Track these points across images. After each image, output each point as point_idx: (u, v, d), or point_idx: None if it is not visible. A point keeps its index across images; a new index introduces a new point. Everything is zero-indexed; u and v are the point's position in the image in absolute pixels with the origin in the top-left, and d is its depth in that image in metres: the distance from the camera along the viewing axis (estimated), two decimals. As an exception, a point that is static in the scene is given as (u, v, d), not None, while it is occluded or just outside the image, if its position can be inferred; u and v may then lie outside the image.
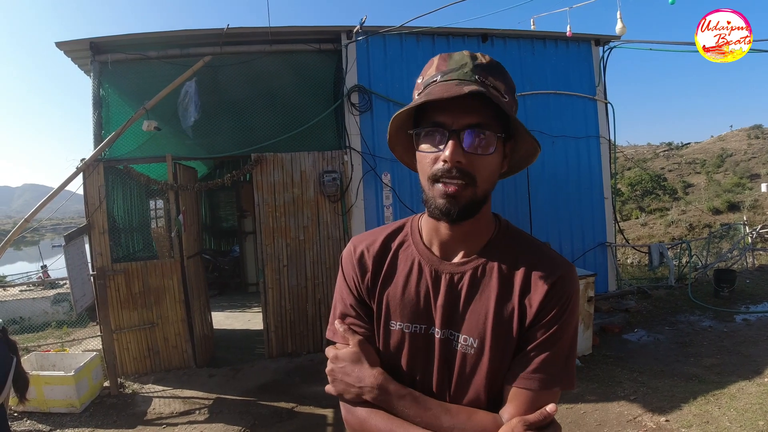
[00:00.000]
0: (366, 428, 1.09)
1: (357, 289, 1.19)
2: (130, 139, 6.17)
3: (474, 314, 1.09)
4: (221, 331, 7.70)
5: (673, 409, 4.43)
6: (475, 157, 1.01)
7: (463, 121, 1.00)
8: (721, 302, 7.58)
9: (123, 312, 6.03)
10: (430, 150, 1.03)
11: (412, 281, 1.14)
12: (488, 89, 0.99)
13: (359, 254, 1.21)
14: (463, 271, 1.11)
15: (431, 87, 1.03)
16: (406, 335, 1.13)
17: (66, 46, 6.26)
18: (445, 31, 6.99)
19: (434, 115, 1.02)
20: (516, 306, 1.07)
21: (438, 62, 1.07)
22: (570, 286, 1.09)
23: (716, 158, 32.64)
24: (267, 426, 4.76)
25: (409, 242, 1.19)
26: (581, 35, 7.64)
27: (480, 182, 1.03)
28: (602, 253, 7.71)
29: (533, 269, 1.09)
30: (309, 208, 6.51)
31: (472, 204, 1.04)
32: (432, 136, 1.03)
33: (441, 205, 1.03)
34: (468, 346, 1.08)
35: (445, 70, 1.04)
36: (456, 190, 1.01)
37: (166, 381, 5.91)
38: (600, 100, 7.66)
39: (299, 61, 6.66)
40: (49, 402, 5.15)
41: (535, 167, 7.30)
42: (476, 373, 1.08)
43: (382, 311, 1.16)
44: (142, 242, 6.58)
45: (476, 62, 1.03)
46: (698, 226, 21.90)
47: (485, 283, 1.10)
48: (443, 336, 1.10)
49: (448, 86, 0.99)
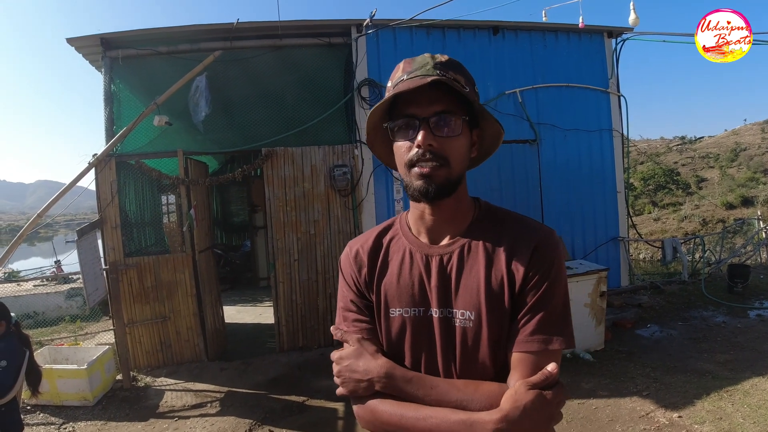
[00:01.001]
0: (377, 417, 1.13)
1: (356, 284, 1.27)
2: (141, 134, 6.19)
3: (466, 289, 1.15)
4: (232, 325, 7.75)
5: (686, 405, 4.39)
6: (444, 140, 1.12)
7: (431, 109, 1.11)
8: (734, 298, 7.51)
9: (135, 306, 6.08)
10: (404, 139, 1.15)
11: (406, 268, 1.21)
12: (449, 80, 1.10)
13: (355, 253, 1.30)
14: (451, 251, 1.19)
15: (399, 84, 1.14)
16: (406, 319, 1.19)
17: (77, 42, 6.30)
18: (456, 24, 6.95)
19: (405, 109, 1.14)
20: (504, 274, 1.13)
21: (403, 66, 1.19)
22: (552, 248, 1.15)
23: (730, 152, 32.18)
24: (278, 419, 4.78)
25: (399, 235, 1.28)
26: (594, 27, 7.55)
27: (453, 163, 1.13)
28: (615, 247, 7.65)
29: (515, 238, 1.17)
30: (319, 203, 6.51)
31: (447, 183, 1.13)
32: (405, 128, 1.14)
33: (419, 186, 1.13)
34: (466, 320, 1.14)
35: (409, 71, 1.15)
36: (430, 170, 1.11)
37: (178, 374, 5.96)
38: (613, 92, 7.58)
39: (309, 55, 6.64)
40: (62, 395, 5.20)
41: (546, 161, 7.27)
42: (479, 344, 1.14)
43: (381, 301, 1.22)
44: (154, 237, 6.62)
45: (436, 61, 1.15)
46: (711, 221, 21.65)
47: (473, 258, 1.17)
48: (441, 315, 1.16)
49: (414, 81, 1.11)
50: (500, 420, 1.01)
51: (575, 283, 5.60)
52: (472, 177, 1.27)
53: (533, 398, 1.02)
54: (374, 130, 1.24)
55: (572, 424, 4.24)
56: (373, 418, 1.13)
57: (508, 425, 1.01)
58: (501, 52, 7.18)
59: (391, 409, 1.11)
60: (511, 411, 1.01)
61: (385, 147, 1.27)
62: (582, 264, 6.09)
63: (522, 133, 7.20)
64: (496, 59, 7.15)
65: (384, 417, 1.11)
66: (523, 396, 1.03)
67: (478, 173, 7.00)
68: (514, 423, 1.01)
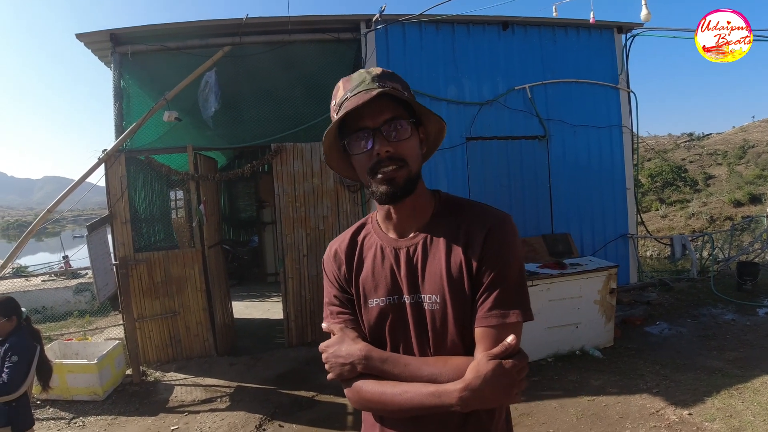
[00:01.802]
0: (362, 396, 1.26)
1: (337, 281, 1.40)
2: (151, 129, 6.21)
3: (431, 275, 1.27)
4: (241, 321, 7.77)
5: (696, 402, 4.38)
6: (398, 144, 1.22)
7: (380, 119, 1.21)
8: (743, 295, 7.47)
9: (145, 301, 6.11)
10: (362, 151, 1.24)
11: (378, 262, 1.33)
12: (392, 90, 1.20)
13: (334, 252, 1.42)
14: (416, 242, 1.30)
15: (345, 103, 1.23)
16: (383, 308, 1.31)
17: (86, 37, 6.31)
18: (465, 19, 6.92)
19: (356, 124, 1.23)
20: (462, 258, 1.24)
21: (343, 85, 1.29)
22: (503, 229, 1.26)
23: (738, 149, 31.91)
24: (287, 414, 4.80)
25: (371, 233, 1.40)
26: (604, 23, 7.50)
27: (410, 162, 1.24)
28: (624, 244, 7.61)
29: (470, 224, 1.27)
30: (329, 198, 6.51)
31: (408, 182, 1.24)
32: (359, 140, 1.23)
33: (384, 190, 1.23)
34: (433, 303, 1.26)
35: (351, 88, 1.24)
36: (392, 173, 1.22)
37: (188, 369, 5.98)
38: (622, 88, 7.54)
39: (318, 51, 6.63)
40: (72, 390, 5.23)
41: (555, 157, 7.25)
42: (446, 325, 1.25)
43: (360, 294, 1.35)
44: (164, 232, 6.64)
45: (372, 75, 1.24)
46: (719, 219, 21.51)
47: (435, 247, 1.28)
48: (412, 300, 1.28)
49: (358, 97, 1.20)
50: (463, 389, 1.13)
51: (585, 279, 5.59)
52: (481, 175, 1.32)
53: (493, 367, 1.13)
54: (330, 149, 1.33)
55: (582, 421, 4.23)
56: (359, 397, 1.27)
57: (470, 393, 1.13)
58: (510, 47, 7.14)
59: (373, 388, 1.24)
60: (473, 380, 1.13)
61: (342, 161, 1.36)
62: (591, 261, 6.08)
63: (531, 129, 7.18)
64: (505, 55, 7.11)
65: (368, 395, 1.24)
66: (484, 366, 1.13)
67: (489, 171, 7.01)
68: (475, 390, 1.12)
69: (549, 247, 6.76)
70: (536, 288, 5.39)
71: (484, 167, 7.03)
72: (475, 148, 7.01)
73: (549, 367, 5.40)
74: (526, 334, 1.25)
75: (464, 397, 1.13)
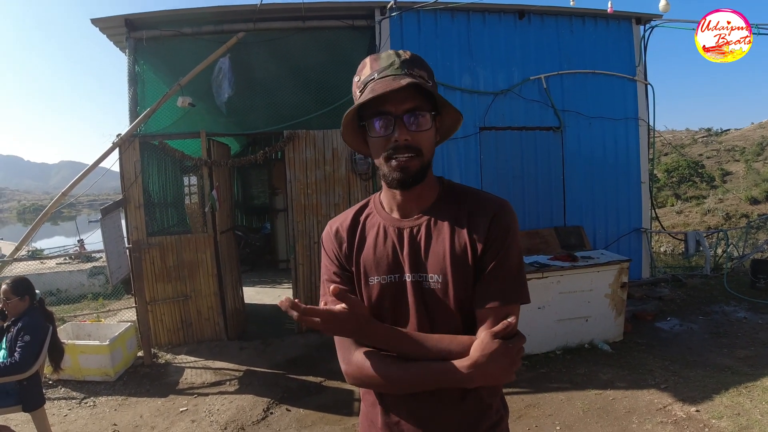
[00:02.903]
0: (365, 373, 1.28)
1: (337, 258, 1.41)
2: (165, 115, 6.25)
3: (434, 255, 1.30)
4: (252, 306, 7.83)
5: (704, 399, 4.34)
6: (417, 134, 1.25)
7: (404, 107, 1.24)
8: (757, 294, 7.37)
9: (157, 285, 6.18)
10: (380, 135, 1.26)
11: (381, 241, 1.36)
12: (420, 82, 1.22)
13: (335, 230, 1.44)
14: (420, 223, 1.34)
15: (371, 84, 1.25)
16: (383, 286, 1.34)
17: (101, 23, 6.34)
18: (481, 7, 6.84)
19: (379, 106, 1.24)
20: (467, 241, 1.29)
21: (370, 63, 1.30)
22: (506, 216, 1.31)
23: (756, 146, 31.38)
24: (295, 399, 4.84)
25: (373, 213, 1.42)
26: (622, 13, 7.38)
27: (425, 153, 1.28)
28: (637, 239, 7.54)
29: (474, 210, 1.32)
30: (340, 186, 6.52)
31: (420, 171, 1.28)
32: (379, 124, 1.26)
33: (397, 177, 1.27)
34: (435, 282, 1.29)
35: (378, 69, 1.26)
36: (407, 161, 1.25)
37: (198, 352, 6.06)
38: (640, 80, 7.42)
39: (332, 37, 6.60)
40: (84, 370, 5.32)
41: (570, 148, 7.18)
42: (447, 303, 1.29)
43: (360, 271, 1.37)
44: (177, 217, 6.70)
45: (401, 58, 1.27)
46: (735, 216, 21.24)
47: (439, 228, 1.32)
48: (414, 279, 1.31)
49: (386, 82, 1.22)
50: (470, 366, 1.19)
51: (596, 273, 5.55)
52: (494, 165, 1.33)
53: (498, 347, 1.18)
54: (347, 124, 1.34)
55: (588, 414, 4.22)
56: (360, 373, 1.29)
57: (476, 370, 1.19)
58: (526, 36, 7.06)
59: (378, 364, 1.26)
60: (479, 358, 1.19)
61: (357, 138, 1.38)
62: (603, 254, 6.03)
63: (546, 120, 7.11)
64: (521, 44, 7.04)
65: (370, 372, 1.26)
66: (489, 345, 1.19)
67: (502, 161, 6.96)
68: (481, 367, 1.18)
69: (561, 240, 6.72)
70: (547, 280, 5.36)
71: (497, 157, 6.98)
72: (489, 138, 6.95)
73: (557, 360, 5.38)
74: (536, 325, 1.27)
75: (471, 374, 1.19)
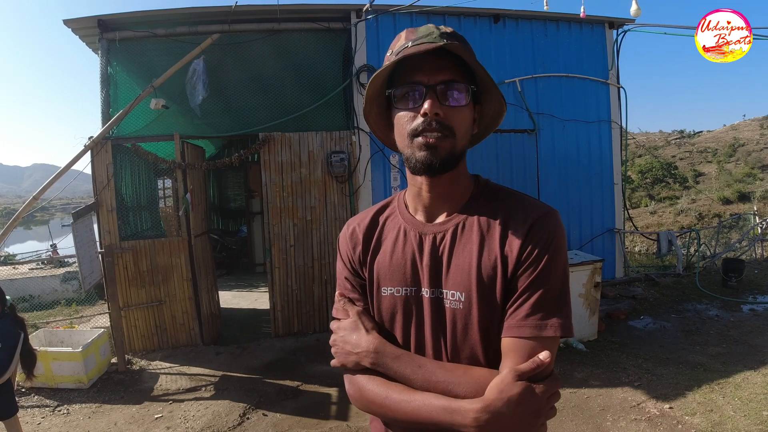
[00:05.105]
0: (365, 395, 1.11)
1: (350, 262, 1.25)
2: (138, 117, 6.15)
3: (458, 269, 1.09)
4: (228, 310, 7.76)
5: (677, 396, 4.43)
6: (451, 110, 1.06)
7: (438, 77, 1.06)
8: (728, 292, 7.55)
9: (131, 289, 6.08)
10: (408, 107, 1.09)
11: (399, 247, 1.17)
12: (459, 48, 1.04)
13: (351, 230, 1.27)
14: (444, 230, 1.14)
15: (404, 51, 1.07)
16: (397, 299, 1.15)
17: (74, 23, 6.22)
18: (456, 11, 6.88)
19: (410, 76, 1.08)
20: (498, 254, 1.07)
21: (406, 35, 1.13)
22: (550, 226, 1.08)
23: (728, 147, 32.19)
24: (272, 403, 4.80)
25: (395, 213, 1.24)
26: (595, 17, 7.50)
27: (458, 134, 1.08)
28: (610, 239, 7.66)
29: (511, 217, 1.10)
30: (316, 189, 6.49)
31: (451, 155, 1.08)
32: (409, 96, 1.08)
33: (422, 157, 1.07)
34: (456, 301, 1.09)
35: (414, 38, 1.09)
36: (435, 141, 1.06)
37: (173, 358, 5.97)
38: (612, 84, 7.55)
39: (308, 40, 6.58)
40: (57, 378, 5.21)
41: (544, 151, 7.25)
42: (469, 328, 1.08)
43: (374, 279, 1.19)
44: (150, 221, 6.60)
45: (441, 31, 1.09)
46: (708, 216, 21.73)
47: (466, 237, 1.11)
48: (432, 295, 1.12)
49: (423, 45, 1.05)
50: (482, 410, 0.96)
51: (570, 273, 5.62)
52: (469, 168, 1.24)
53: (521, 390, 0.96)
54: (372, 100, 1.17)
55: (563, 413, 4.26)
56: (360, 396, 1.12)
57: (489, 416, 0.95)
58: (501, 40, 7.13)
59: (378, 389, 1.09)
60: (494, 401, 0.96)
61: (381, 120, 1.22)
62: (577, 254, 6.11)
63: (521, 122, 7.17)
64: (496, 47, 7.10)
65: (370, 395, 1.10)
66: (510, 387, 0.96)
67: (476, 162, 7.00)
68: (496, 414, 0.95)
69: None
70: (522, 281, 5.41)
71: (472, 160, 6.98)
72: (464, 141, 6.98)
73: (533, 360, 5.43)
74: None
75: (481, 420, 0.95)
